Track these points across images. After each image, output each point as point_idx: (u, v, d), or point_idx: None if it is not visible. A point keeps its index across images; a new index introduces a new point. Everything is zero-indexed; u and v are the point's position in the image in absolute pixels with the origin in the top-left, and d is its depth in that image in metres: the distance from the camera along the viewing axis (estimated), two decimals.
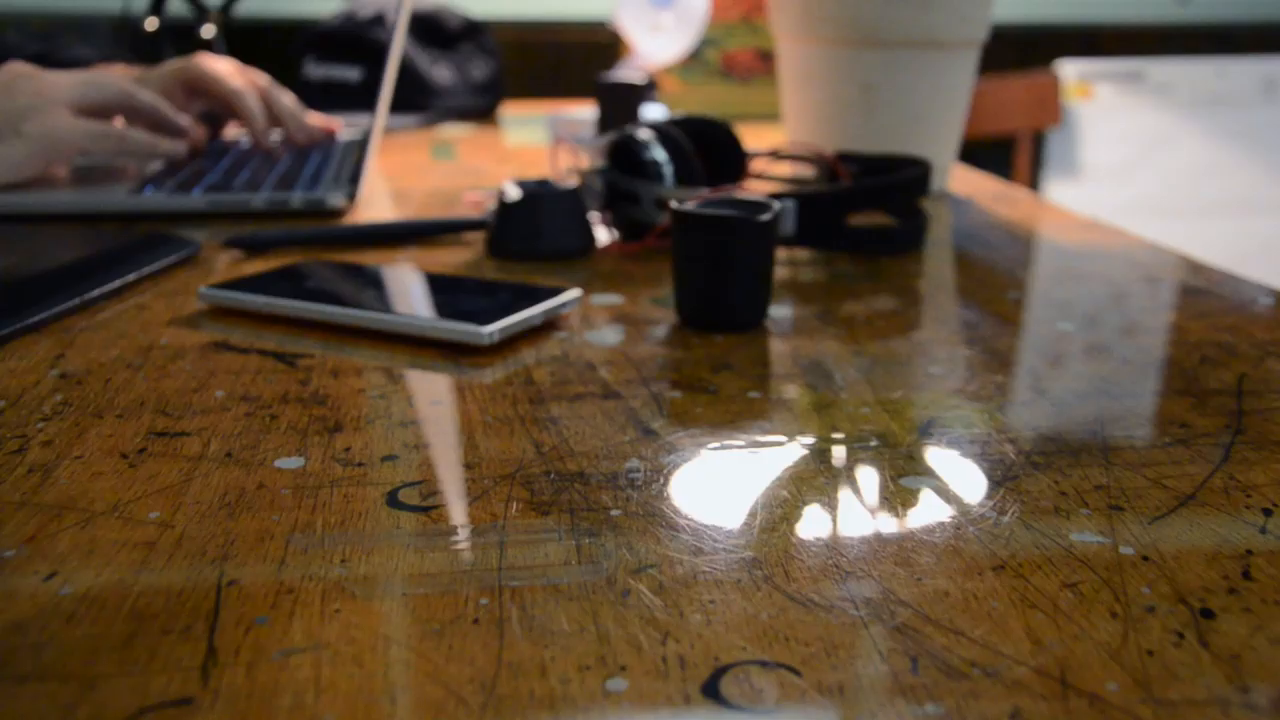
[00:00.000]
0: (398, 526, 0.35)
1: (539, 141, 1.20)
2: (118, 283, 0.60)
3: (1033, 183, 2.43)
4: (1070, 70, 2.39)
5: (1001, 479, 0.39)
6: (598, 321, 0.57)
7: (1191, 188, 2.55)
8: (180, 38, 1.46)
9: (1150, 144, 2.51)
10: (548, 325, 0.56)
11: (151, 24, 1.46)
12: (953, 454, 0.41)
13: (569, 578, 0.32)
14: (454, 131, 1.27)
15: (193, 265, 0.67)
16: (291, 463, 0.40)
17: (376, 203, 0.86)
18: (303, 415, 0.44)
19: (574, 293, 0.56)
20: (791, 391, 0.47)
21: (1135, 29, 2.42)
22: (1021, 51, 2.34)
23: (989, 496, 0.38)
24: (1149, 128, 2.51)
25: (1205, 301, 0.62)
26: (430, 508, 0.36)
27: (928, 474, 0.39)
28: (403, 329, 0.52)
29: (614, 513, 0.36)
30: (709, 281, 0.54)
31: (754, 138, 1.23)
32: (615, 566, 0.33)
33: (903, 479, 0.39)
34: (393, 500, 0.37)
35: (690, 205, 0.56)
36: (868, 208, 0.67)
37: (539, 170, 1.01)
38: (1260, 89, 2.52)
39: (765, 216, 0.54)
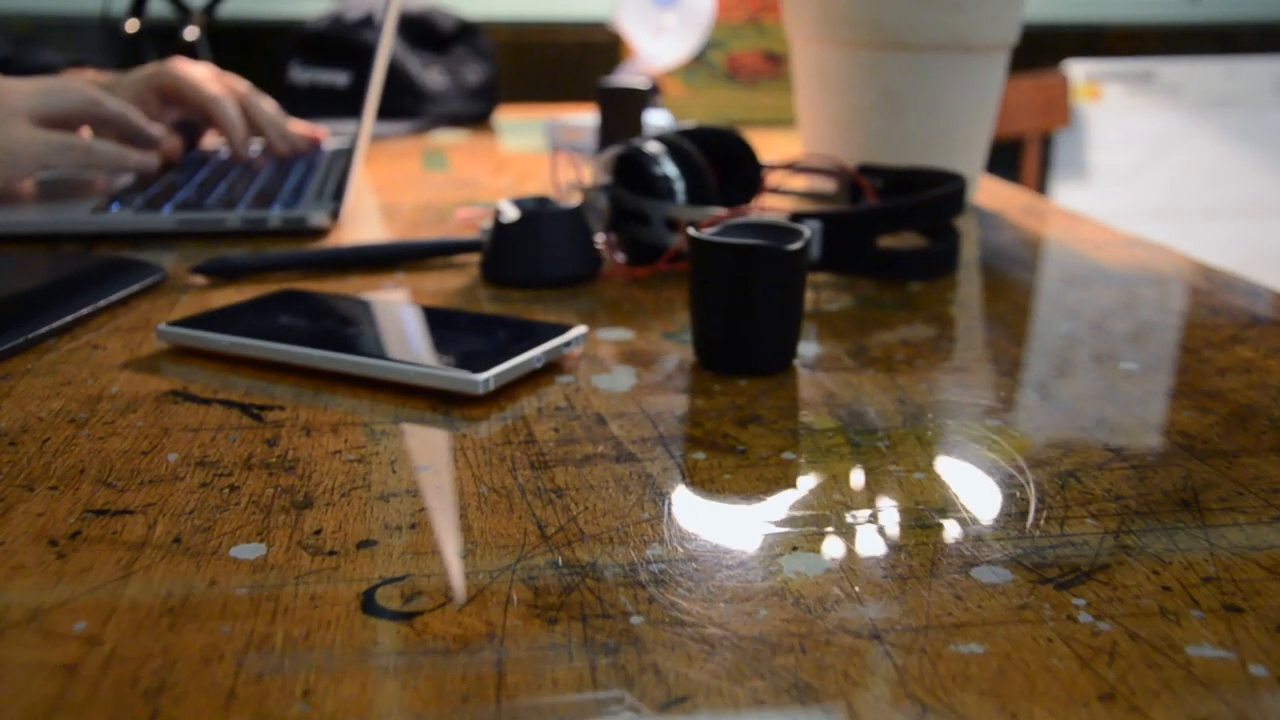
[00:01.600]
0: (374, 642, 0.29)
1: (536, 148, 1.14)
2: (69, 318, 0.54)
3: (1041, 185, 2.38)
4: (1079, 71, 2.34)
5: (1090, 568, 0.33)
6: (606, 361, 0.51)
7: (1202, 190, 2.49)
8: (162, 40, 1.40)
9: (1160, 145, 2.46)
10: (550, 366, 0.50)
11: (132, 26, 1.39)
12: (1029, 534, 0.35)
13: (583, 717, 0.26)
14: (447, 138, 1.21)
15: (157, 294, 0.61)
16: (250, 551, 0.34)
17: (362, 220, 0.80)
18: (267, 486, 0.38)
19: (579, 330, 0.50)
20: (832, 451, 0.41)
21: (1145, 28, 2.36)
22: (1029, 52, 2.28)
23: (1080, 594, 0.32)
24: (1158, 129, 2.45)
25: (1278, 334, 0.56)
26: (413, 614, 0.30)
27: (1003, 562, 0.33)
28: (386, 375, 0.46)
29: (634, 620, 0.30)
30: (732, 319, 0.48)
31: (764, 146, 1.17)
32: (640, 698, 0.27)
33: (975, 569, 0.33)
34: (369, 604, 0.31)
35: (709, 232, 0.50)
36: (900, 229, 0.61)
37: (536, 182, 0.95)
38: (1271, 89, 2.46)
39: (795, 245, 0.48)
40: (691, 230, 0.49)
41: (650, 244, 0.65)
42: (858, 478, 0.39)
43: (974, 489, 0.38)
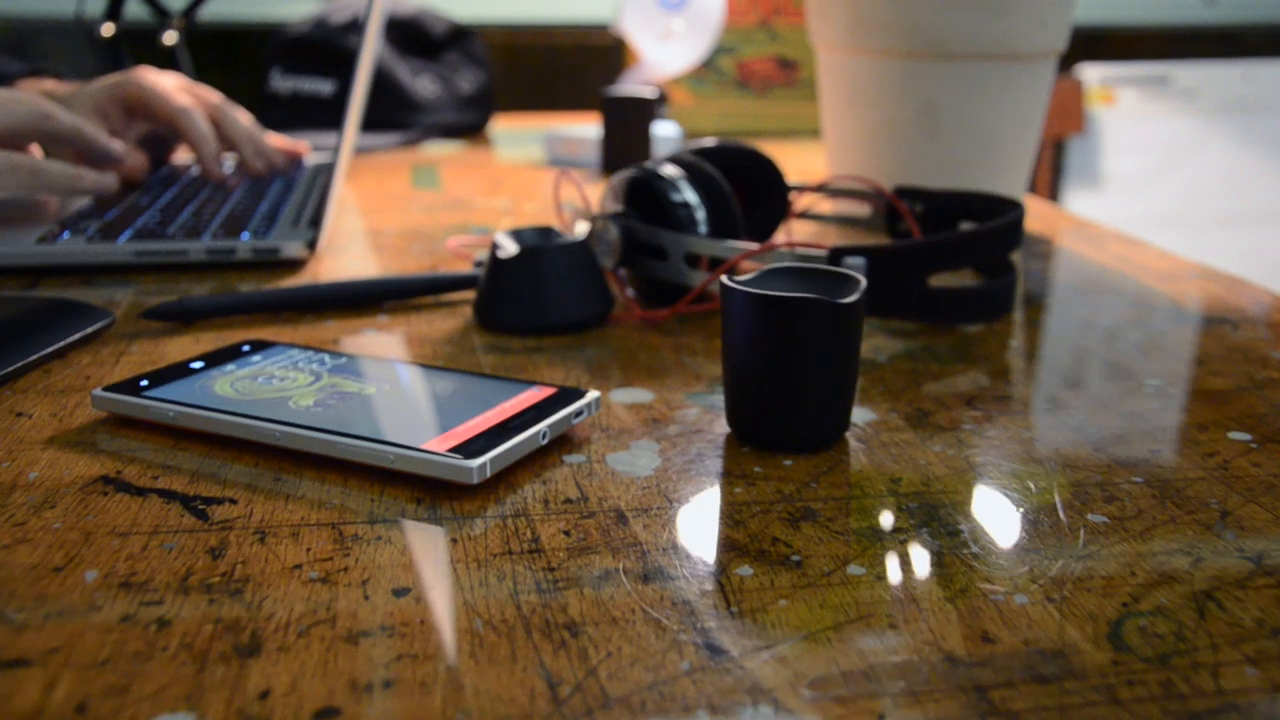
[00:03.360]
0: None
1: (534, 160, 1.06)
2: None
3: (1053, 193, 2.31)
4: (1092, 74, 2.26)
5: None
6: (622, 433, 0.43)
7: (1218, 197, 2.42)
8: (140, 44, 1.32)
9: (1175, 151, 2.39)
10: (558, 439, 0.42)
11: (108, 30, 1.31)
12: (1175, 691, 0.27)
13: None
14: (439, 150, 1.13)
15: (102, 342, 0.53)
16: None
17: (342, 248, 0.72)
18: (206, 620, 0.30)
19: (591, 396, 0.43)
20: (910, 563, 0.33)
21: (1160, 30, 2.29)
22: None
23: None
24: (1174, 134, 2.38)
25: None
26: None
27: None
28: (361, 458, 0.38)
29: None
30: (775, 386, 0.40)
31: (779, 161, 1.09)
32: None
33: None
34: None
35: (744, 280, 0.42)
36: (956, 265, 0.54)
37: (537, 201, 0.87)
38: None
39: (850, 297, 0.40)
40: (724, 279, 0.41)
41: (668, 282, 0.57)
42: (947, 604, 0.31)
43: (1090, 619, 0.30)
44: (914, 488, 0.38)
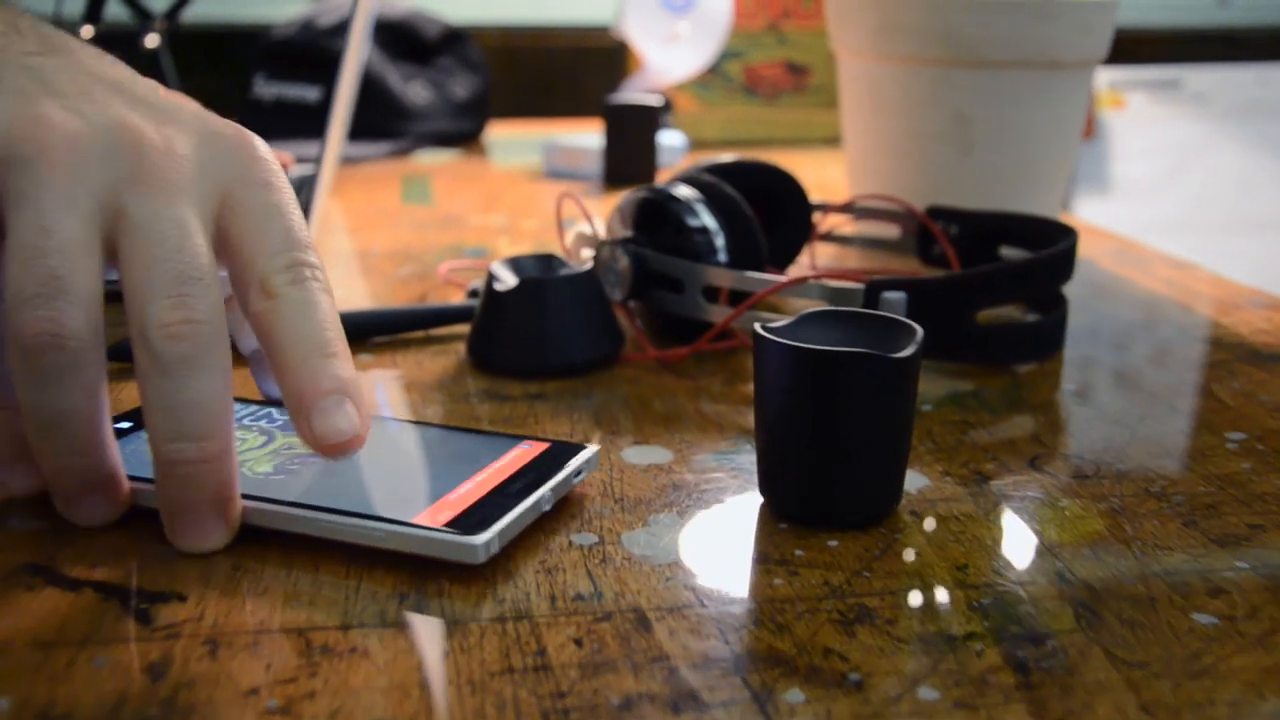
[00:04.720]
0: None
1: (531, 168, 1.00)
2: None
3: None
4: (1101, 78, 2.21)
5: None
6: (638, 504, 0.37)
7: (1229, 203, 2.38)
8: (121, 48, 1.26)
9: (1186, 156, 2.34)
10: (563, 510, 0.37)
11: (87, 33, 1.25)
12: None
13: None
14: (432, 159, 1.08)
15: None
16: None
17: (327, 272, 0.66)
18: None
19: (589, 451, 0.37)
20: (991, 684, 0.28)
21: (1170, 33, 2.24)
22: None
23: None
24: (1184, 139, 2.33)
25: None
26: None
27: None
28: (343, 536, 0.33)
29: None
30: (818, 453, 0.35)
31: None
32: None
33: None
34: None
35: (780, 327, 0.36)
36: (1009, 299, 0.48)
37: (536, 219, 0.82)
38: None
39: (906, 351, 0.34)
40: (759, 328, 0.35)
41: (684, 317, 0.51)
42: None
43: None
44: (983, 577, 0.33)
